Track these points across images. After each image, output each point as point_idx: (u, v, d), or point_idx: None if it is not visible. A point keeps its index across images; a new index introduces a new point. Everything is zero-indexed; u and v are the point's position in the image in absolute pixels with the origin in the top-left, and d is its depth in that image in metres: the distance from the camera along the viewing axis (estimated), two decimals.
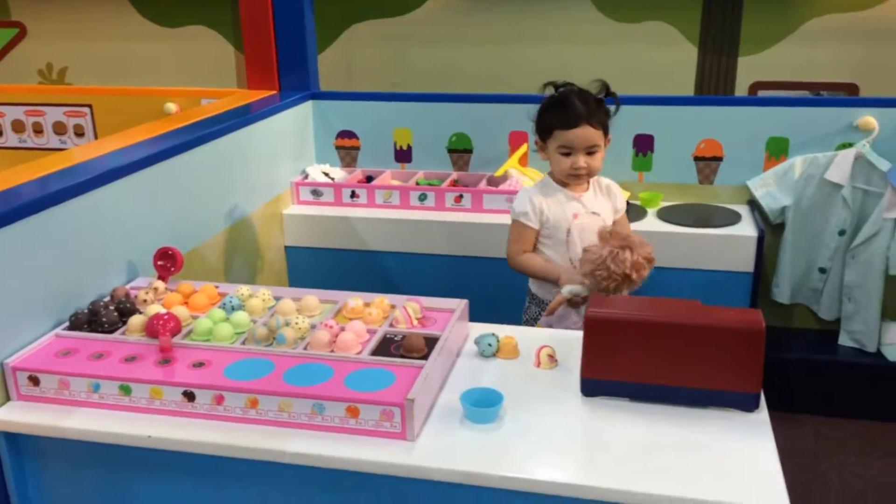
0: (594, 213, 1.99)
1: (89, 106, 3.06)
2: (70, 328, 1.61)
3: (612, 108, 1.97)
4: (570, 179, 1.98)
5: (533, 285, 2.06)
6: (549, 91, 1.99)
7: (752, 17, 2.81)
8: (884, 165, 2.38)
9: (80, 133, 3.10)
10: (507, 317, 2.11)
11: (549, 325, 1.97)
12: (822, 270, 2.56)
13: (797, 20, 2.78)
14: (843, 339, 2.55)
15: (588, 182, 2.01)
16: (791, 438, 2.41)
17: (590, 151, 1.94)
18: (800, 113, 2.50)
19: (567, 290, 1.86)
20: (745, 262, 2.35)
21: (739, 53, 2.87)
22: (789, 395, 2.51)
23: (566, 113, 1.93)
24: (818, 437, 2.43)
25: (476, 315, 1.76)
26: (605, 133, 1.95)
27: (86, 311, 1.65)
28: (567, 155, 1.95)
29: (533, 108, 1.99)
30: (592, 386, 1.44)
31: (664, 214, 2.53)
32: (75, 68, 3.55)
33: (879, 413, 2.48)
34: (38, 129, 3.11)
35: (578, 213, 1.97)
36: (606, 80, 1.98)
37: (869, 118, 2.43)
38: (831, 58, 2.80)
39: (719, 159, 2.61)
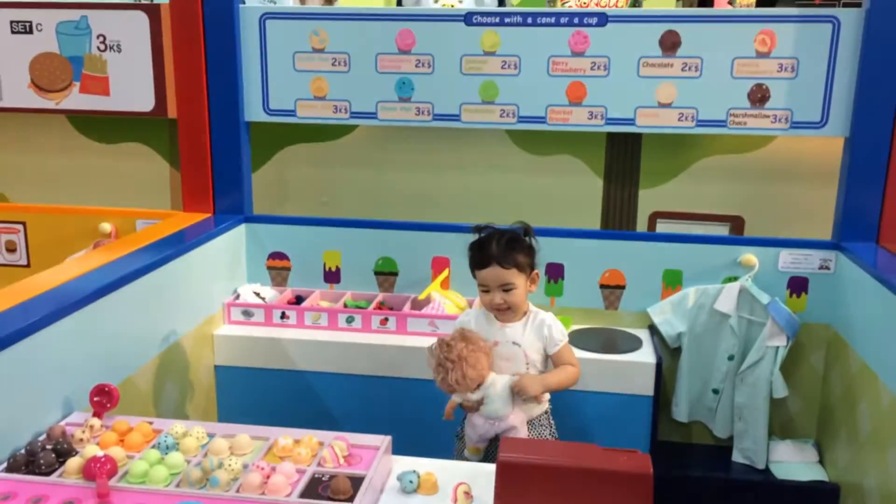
0: (515, 343, 2.15)
1: (23, 223, 3.13)
2: (8, 470, 1.68)
3: (534, 244, 2.18)
4: (494, 313, 2.19)
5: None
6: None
7: (650, 154, 3.12)
8: (764, 298, 2.67)
9: (11, 249, 3.15)
10: (430, 437, 2.26)
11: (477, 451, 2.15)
12: (716, 391, 2.80)
13: (690, 159, 3.10)
14: (736, 456, 2.78)
15: (522, 315, 2.18)
16: None
17: (505, 289, 2.13)
18: (691, 249, 2.79)
19: (455, 395, 2.11)
20: (645, 386, 2.57)
21: (640, 186, 3.17)
22: None
23: (479, 254, 2.16)
24: None
25: (400, 433, 1.91)
26: (524, 270, 2.14)
27: (23, 452, 1.72)
28: (486, 292, 2.16)
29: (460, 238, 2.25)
30: None
31: (574, 339, 2.71)
32: (8, 181, 3.61)
33: None
34: None
35: (499, 341, 2.17)
36: (526, 222, 2.22)
37: (750, 256, 2.73)
38: (720, 193, 3.12)
39: (622, 287, 2.86)
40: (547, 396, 2.23)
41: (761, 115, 2.70)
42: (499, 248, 2.13)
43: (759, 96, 2.69)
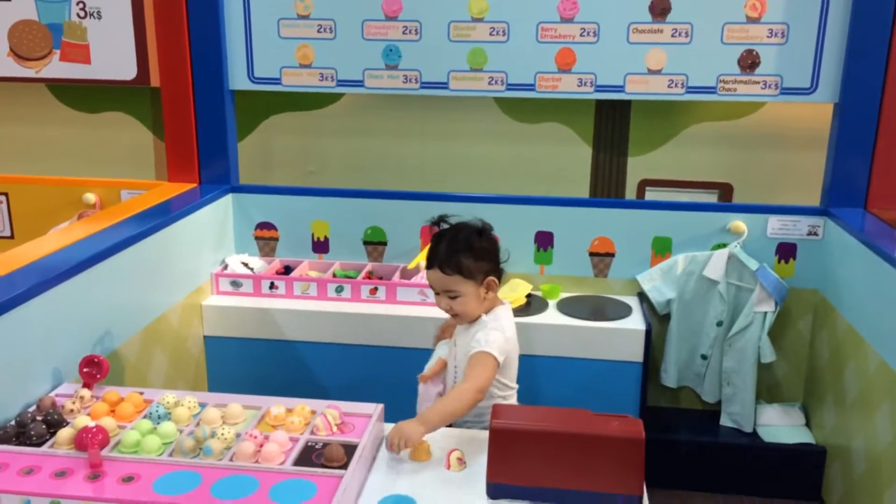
0: (454, 343, 2.01)
1: (5, 194, 3.08)
2: None
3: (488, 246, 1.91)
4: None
5: None
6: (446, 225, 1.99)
7: (639, 122, 3.11)
8: (753, 265, 2.68)
9: None
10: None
11: None
12: (704, 357, 2.82)
13: (679, 126, 3.09)
14: (724, 420, 2.81)
15: (476, 320, 1.95)
16: None
17: (450, 296, 1.90)
18: (680, 216, 2.79)
19: None
20: (634, 352, 2.58)
21: (629, 154, 3.16)
22: (678, 473, 2.73)
23: (429, 252, 1.93)
24: None
25: (391, 401, 1.91)
26: (472, 277, 1.87)
27: (13, 423, 1.71)
28: (437, 294, 1.94)
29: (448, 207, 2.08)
30: (497, 490, 1.60)
31: (563, 307, 2.75)
32: None
33: (758, 489, 2.72)
34: None
35: (455, 335, 2.03)
36: (485, 221, 1.96)
37: (739, 223, 2.73)
38: (709, 160, 3.12)
39: (611, 255, 2.86)
40: (510, 393, 2.01)
41: (751, 82, 2.69)
42: (445, 250, 1.89)
43: (749, 62, 2.67)
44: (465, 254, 1.88)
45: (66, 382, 1.95)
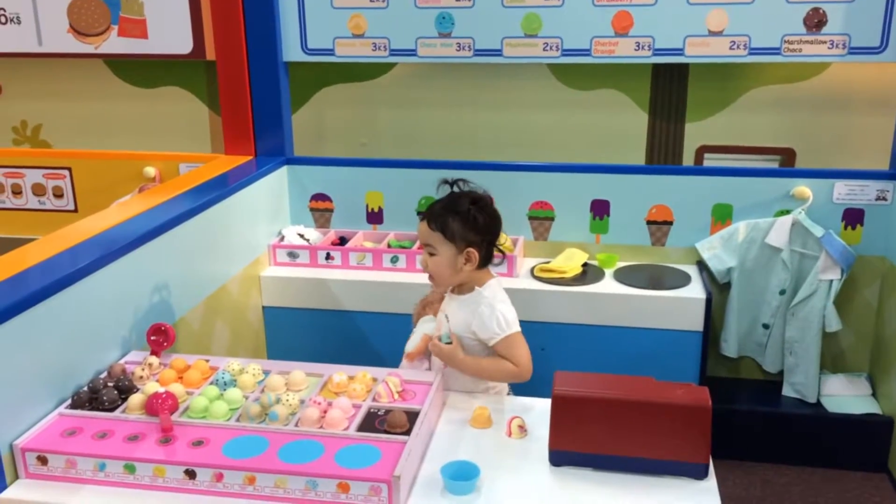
0: (446, 315, 1.94)
1: (68, 169, 3.16)
2: (72, 406, 1.72)
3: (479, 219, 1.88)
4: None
5: None
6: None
7: (697, 86, 3.03)
8: (818, 231, 2.60)
9: (58, 195, 3.19)
10: None
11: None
12: (766, 326, 2.77)
13: (739, 90, 3.00)
14: (787, 391, 2.76)
15: (468, 290, 1.92)
16: (740, 485, 2.59)
17: (429, 252, 1.91)
18: (742, 182, 2.72)
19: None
20: (694, 322, 2.54)
21: (686, 120, 3.09)
22: (739, 443, 2.69)
23: (428, 206, 1.96)
24: (765, 483, 2.61)
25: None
26: (453, 240, 1.86)
27: (86, 389, 1.76)
28: (422, 248, 1.96)
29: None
30: (560, 457, 1.59)
31: (620, 276, 2.71)
32: (49, 126, 3.64)
33: (821, 460, 2.67)
34: (16, 191, 3.20)
35: (444, 308, 2.00)
36: (488, 194, 1.96)
37: (804, 188, 2.66)
38: (771, 124, 3.03)
39: (669, 223, 2.81)
40: (502, 386, 2.00)
41: (817, 41, 2.60)
42: (439, 207, 1.91)
43: (815, 21, 2.58)
44: (454, 216, 1.88)
45: (134, 350, 2.00)
